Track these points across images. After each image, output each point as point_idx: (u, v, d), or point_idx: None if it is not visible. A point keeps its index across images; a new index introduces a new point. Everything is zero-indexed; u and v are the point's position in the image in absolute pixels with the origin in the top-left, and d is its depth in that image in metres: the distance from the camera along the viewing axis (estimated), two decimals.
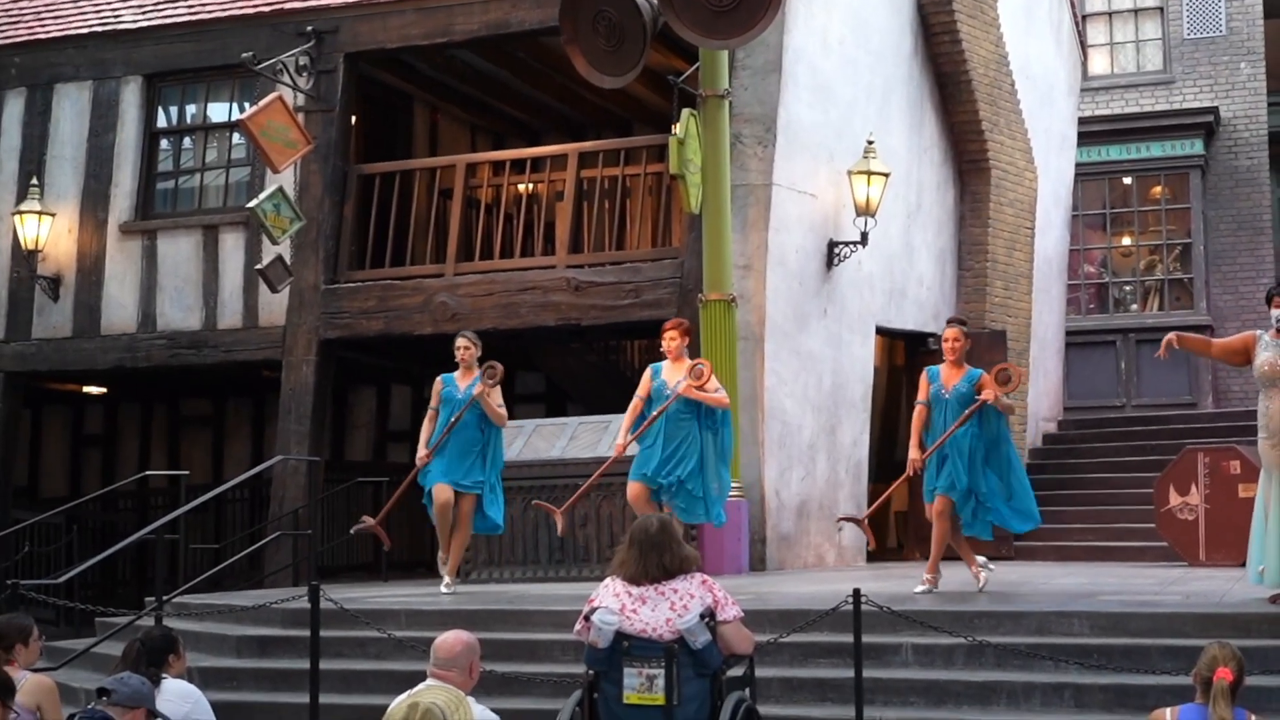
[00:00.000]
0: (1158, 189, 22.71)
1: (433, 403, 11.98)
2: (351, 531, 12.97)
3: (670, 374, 11.50)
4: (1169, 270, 22.57)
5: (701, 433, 11.40)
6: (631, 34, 12.29)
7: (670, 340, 11.53)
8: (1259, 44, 22.50)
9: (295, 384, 15.65)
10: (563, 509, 11.84)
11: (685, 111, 13.22)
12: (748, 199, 13.97)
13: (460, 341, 12.00)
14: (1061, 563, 14.90)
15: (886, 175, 14.87)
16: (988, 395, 10.55)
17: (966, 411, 10.64)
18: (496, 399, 11.82)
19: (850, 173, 14.82)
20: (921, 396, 10.96)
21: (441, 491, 11.69)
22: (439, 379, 11.99)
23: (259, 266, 15.41)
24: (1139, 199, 22.77)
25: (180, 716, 7.08)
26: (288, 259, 15.50)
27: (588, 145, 16.16)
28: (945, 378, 10.89)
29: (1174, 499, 13.95)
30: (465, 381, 11.85)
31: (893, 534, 17.98)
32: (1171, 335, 9.67)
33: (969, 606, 9.76)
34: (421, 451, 11.86)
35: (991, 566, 11.26)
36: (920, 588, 10.67)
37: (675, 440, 11.36)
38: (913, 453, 10.86)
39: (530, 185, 16.44)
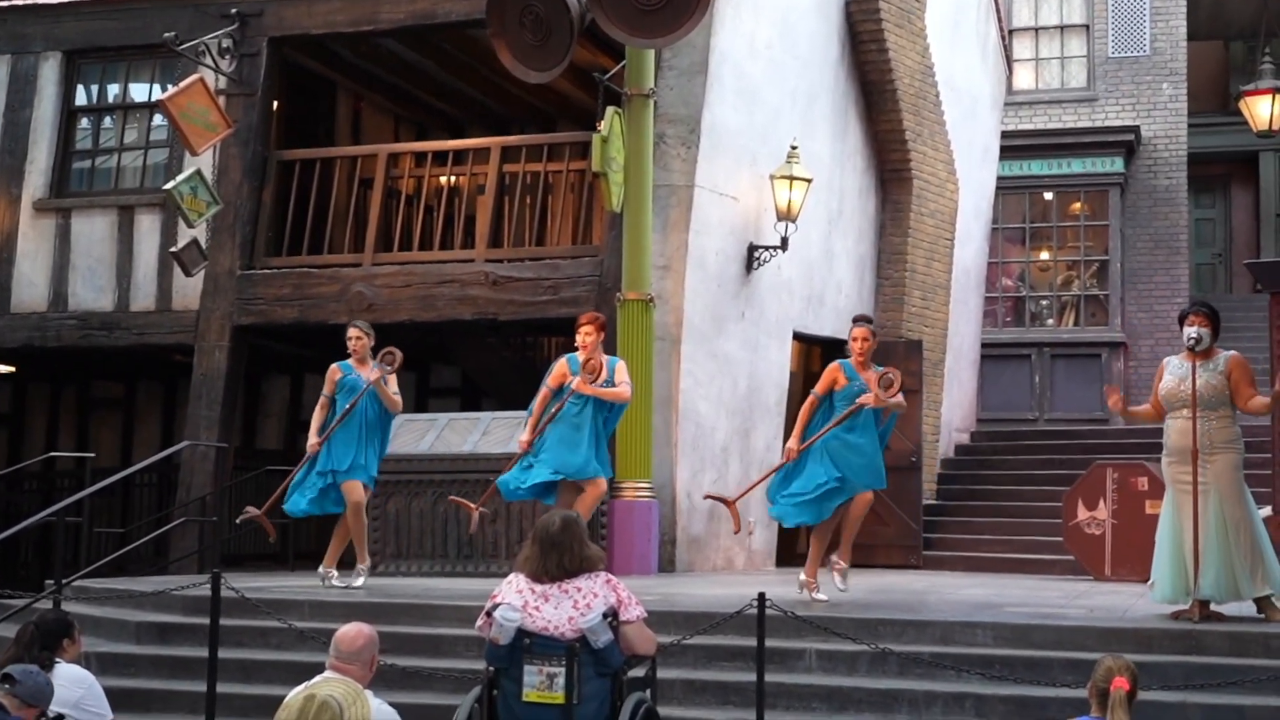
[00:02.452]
0: (1077, 205, 22.91)
1: (327, 390, 11.74)
2: (237, 522, 12.70)
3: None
4: (1085, 286, 22.77)
5: (594, 419, 11.13)
6: (558, 29, 12.24)
7: (586, 335, 11.10)
8: (1181, 65, 22.77)
9: (207, 369, 15.50)
10: (478, 505, 11.70)
11: (610, 109, 13.19)
12: (669, 199, 13.95)
13: (352, 332, 11.81)
14: (969, 573, 14.99)
15: (809, 181, 14.90)
16: (867, 399, 10.44)
17: (844, 413, 10.50)
18: (393, 386, 11.70)
19: (773, 177, 14.83)
20: (820, 389, 10.65)
21: (353, 490, 11.56)
22: (336, 366, 11.78)
23: (174, 249, 15.25)
24: (1058, 214, 22.96)
25: (72, 702, 6.98)
26: (203, 243, 15.35)
27: (511, 140, 16.11)
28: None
29: (1082, 513, 14.05)
30: (362, 371, 11.72)
31: (801, 538, 18.01)
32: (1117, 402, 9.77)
33: (874, 614, 9.76)
34: (313, 439, 11.66)
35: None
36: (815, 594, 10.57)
37: (569, 433, 11.11)
38: (791, 441, 10.64)
39: (452, 178, 16.36)
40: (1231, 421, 9.47)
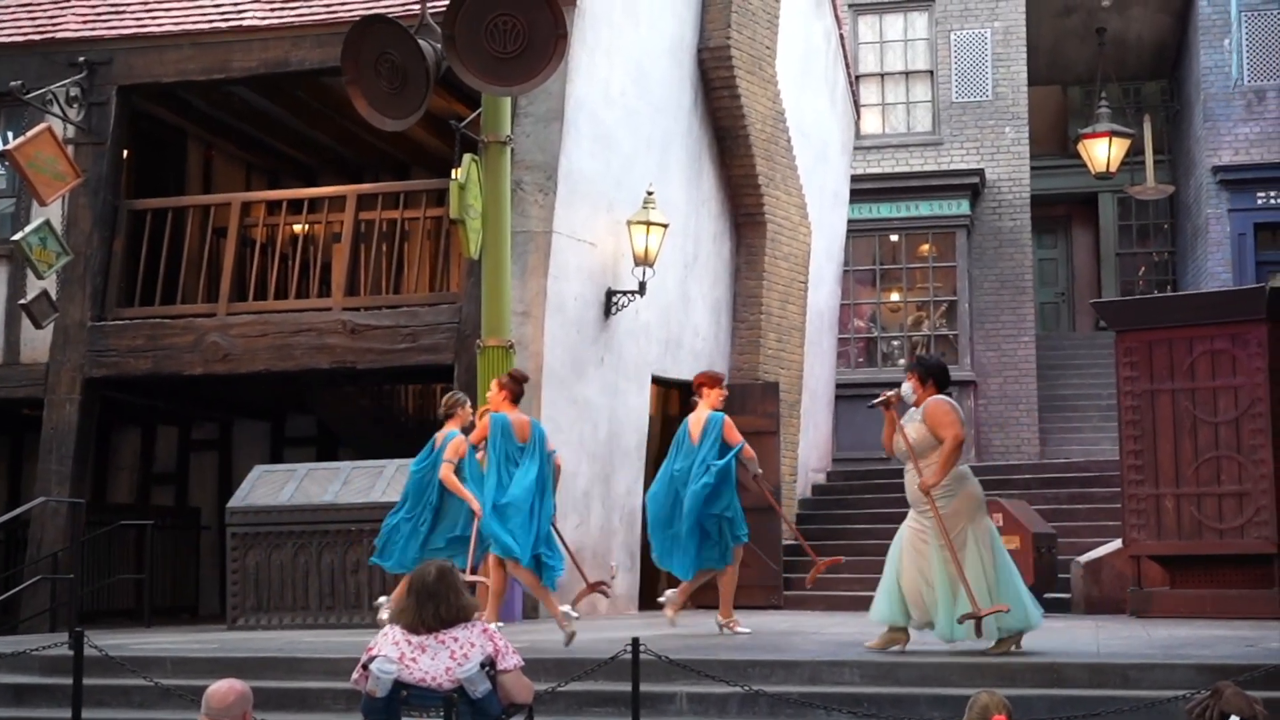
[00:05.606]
0: (925, 247, 23.31)
1: (454, 457, 11.57)
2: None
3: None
4: (935, 326, 23.15)
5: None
6: (414, 77, 12.21)
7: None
8: (1023, 109, 23.29)
9: (57, 423, 15.19)
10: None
11: (467, 157, 13.18)
12: (527, 246, 13.99)
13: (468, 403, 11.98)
14: (830, 612, 15.11)
15: (665, 226, 15.03)
16: None
17: None
18: None
19: (629, 223, 14.94)
20: None
21: None
22: (462, 439, 11.61)
23: (23, 301, 14.94)
24: (907, 256, 23.35)
25: None
26: (53, 294, 15.05)
27: (367, 187, 16.06)
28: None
29: None
30: None
31: (663, 581, 18.06)
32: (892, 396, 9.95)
33: (743, 655, 9.85)
34: (476, 504, 11.40)
35: (575, 614, 10.78)
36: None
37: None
38: None
39: (307, 226, 16.24)
40: None
